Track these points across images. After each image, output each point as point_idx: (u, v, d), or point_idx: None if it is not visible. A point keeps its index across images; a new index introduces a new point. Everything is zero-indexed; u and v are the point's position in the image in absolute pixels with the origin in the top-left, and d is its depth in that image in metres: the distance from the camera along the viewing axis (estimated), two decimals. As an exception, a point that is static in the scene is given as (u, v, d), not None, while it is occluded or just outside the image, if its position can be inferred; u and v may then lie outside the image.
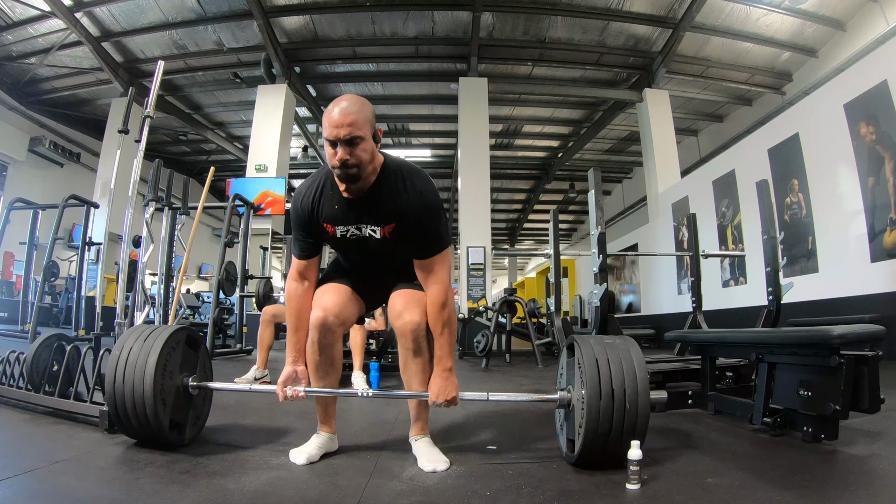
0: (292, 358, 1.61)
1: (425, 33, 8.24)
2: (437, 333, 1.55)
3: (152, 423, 1.55)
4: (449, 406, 1.54)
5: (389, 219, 1.51)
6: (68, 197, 5.87)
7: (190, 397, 1.70)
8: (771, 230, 2.85)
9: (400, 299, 1.60)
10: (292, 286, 1.62)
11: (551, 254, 4.11)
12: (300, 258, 1.62)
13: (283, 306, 3.86)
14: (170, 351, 1.63)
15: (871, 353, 1.55)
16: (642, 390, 1.44)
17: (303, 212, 1.56)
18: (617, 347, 1.51)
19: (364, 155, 1.42)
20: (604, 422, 1.40)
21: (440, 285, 1.55)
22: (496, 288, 18.76)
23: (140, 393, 1.54)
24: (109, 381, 1.60)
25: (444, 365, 1.55)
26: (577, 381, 1.53)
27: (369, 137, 1.43)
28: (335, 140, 1.39)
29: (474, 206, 8.54)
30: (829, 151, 5.11)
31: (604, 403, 1.41)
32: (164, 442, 1.60)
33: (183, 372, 1.70)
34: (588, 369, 1.45)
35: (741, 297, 6.38)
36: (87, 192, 8.02)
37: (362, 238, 1.55)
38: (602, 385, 1.42)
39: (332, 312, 1.57)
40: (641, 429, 1.42)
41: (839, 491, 1.30)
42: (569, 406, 1.56)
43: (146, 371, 1.56)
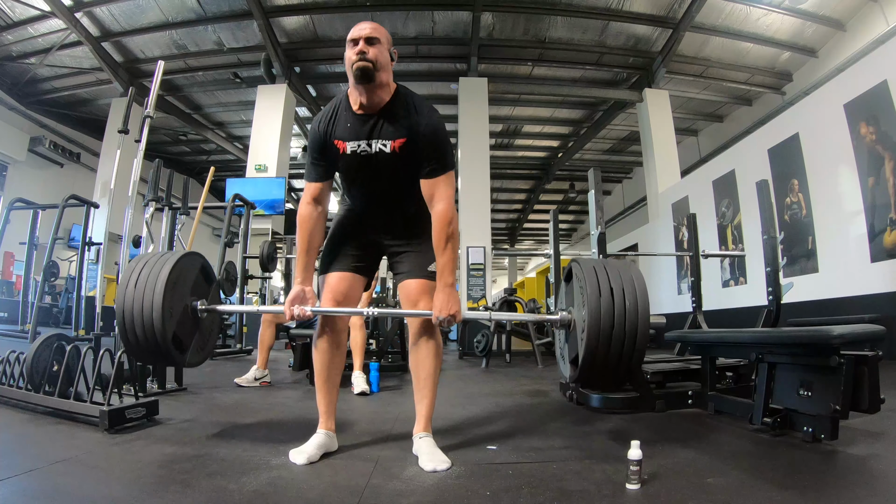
0: (301, 278, 1.67)
1: (425, 33, 8.25)
2: (441, 249, 1.60)
3: (162, 349, 1.57)
4: (450, 324, 1.58)
5: (400, 133, 1.59)
6: (68, 197, 5.86)
7: (198, 321, 1.73)
8: (771, 230, 2.85)
9: (415, 287, 1.68)
10: (306, 210, 1.69)
11: (551, 254, 4.10)
12: (314, 181, 1.69)
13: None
14: (182, 270, 1.66)
15: (871, 353, 1.55)
16: (642, 318, 1.43)
17: (319, 133, 1.65)
18: (619, 273, 1.51)
19: (380, 56, 1.56)
20: (603, 347, 1.39)
21: (446, 202, 1.61)
22: (496, 288, 18.75)
23: (149, 305, 1.56)
24: (121, 292, 1.61)
25: (446, 280, 1.60)
26: (576, 301, 1.53)
27: (385, 49, 1.59)
28: (357, 38, 1.55)
29: (474, 206, 8.54)
30: (829, 151, 5.10)
31: (604, 330, 1.40)
32: (168, 359, 1.62)
33: (193, 295, 1.73)
34: (589, 287, 1.45)
35: (741, 297, 6.38)
36: (87, 192, 8.01)
37: (371, 156, 1.61)
38: (603, 303, 1.41)
39: (338, 301, 1.68)
40: (641, 347, 1.41)
41: (839, 491, 1.30)
42: (569, 326, 1.56)
43: (157, 284, 1.58)
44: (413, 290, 1.69)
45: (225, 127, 11.54)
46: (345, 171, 1.68)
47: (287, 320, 1.63)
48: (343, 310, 1.70)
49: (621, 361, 1.37)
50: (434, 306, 1.59)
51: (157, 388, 2.76)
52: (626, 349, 1.40)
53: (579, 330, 1.48)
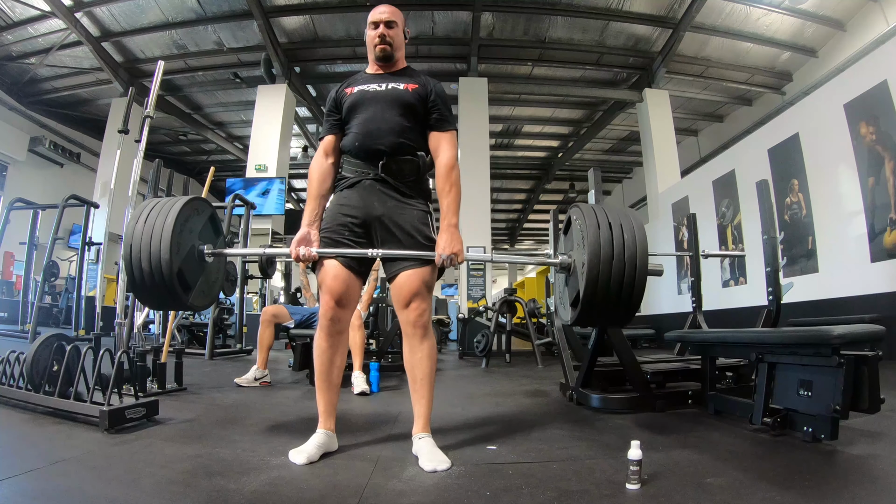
0: (308, 221, 1.72)
1: (425, 33, 8.24)
2: (445, 192, 1.70)
3: (167, 282, 1.57)
4: (454, 262, 1.63)
5: (414, 81, 1.78)
6: (68, 197, 5.86)
7: (203, 265, 1.75)
8: (771, 230, 2.85)
9: (406, 285, 1.66)
10: (318, 160, 1.81)
11: (551, 254, 4.10)
12: (327, 133, 1.82)
13: (282, 306, 3.87)
14: (188, 215, 1.67)
15: (871, 353, 1.55)
16: (641, 252, 1.44)
17: (337, 92, 1.83)
18: (618, 213, 1.53)
19: (397, 37, 1.81)
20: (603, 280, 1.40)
21: (450, 152, 1.74)
22: (496, 288, 18.75)
23: (157, 251, 1.56)
24: (129, 227, 1.62)
25: (449, 220, 1.67)
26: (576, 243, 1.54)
27: (401, 30, 1.84)
28: (378, 21, 1.79)
29: (474, 206, 8.53)
30: (829, 151, 5.10)
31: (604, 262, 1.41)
32: (172, 296, 1.62)
33: (200, 239, 1.75)
34: (589, 230, 1.46)
35: (741, 297, 6.37)
36: (87, 192, 8.02)
37: (380, 91, 1.75)
38: (602, 245, 1.43)
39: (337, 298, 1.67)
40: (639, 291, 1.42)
41: (839, 491, 1.30)
42: (569, 269, 1.57)
43: (164, 231, 1.58)
44: (404, 286, 1.65)
45: (225, 127, 11.54)
46: (351, 106, 1.76)
47: (293, 259, 1.65)
48: (346, 251, 1.67)
49: (621, 297, 1.37)
50: (437, 246, 1.64)
51: (157, 388, 2.76)
52: (626, 284, 1.41)
53: (579, 271, 1.49)
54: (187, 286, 1.67)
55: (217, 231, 1.87)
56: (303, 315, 3.77)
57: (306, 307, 4.08)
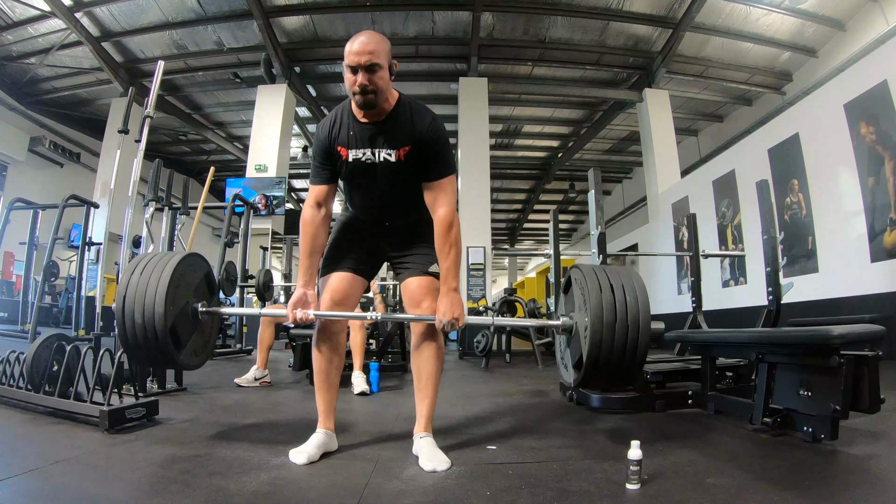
0: (304, 281, 1.67)
1: (425, 33, 8.24)
2: (445, 254, 1.61)
3: (159, 339, 1.55)
4: (455, 327, 1.57)
5: (405, 142, 1.61)
6: (68, 197, 5.86)
7: (198, 322, 1.73)
8: (771, 230, 2.85)
9: (419, 288, 1.69)
10: (309, 212, 1.69)
11: (551, 254, 4.10)
12: (319, 184, 1.69)
13: (283, 306, 3.86)
14: (183, 272, 1.66)
15: (871, 353, 1.55)
16: (643, 315, 1.44)
17: (323, 139, 1.67)
18: (619, 274, 1.53)
19: (381, 82, 1.53)
20: (606, 345, 1.41)
21: (447, 207, 1.63)
22: (496, 288, 18.75)
23: (151, 306, 1.55)
24: (122, 284, 1.60)
25: (450, 284, 1.60)
26: (577, 305, 1.54)
27: (386, 67, 1.55)
28: (356, 66, 1.51)
29: (474, 206, 8.54)
30: (829, 151, 5.10)
31: (606, 327, 1.41)
32: (165, 356, 1.60)
33: (195, 297, 1.73)
34: (591, 290, 1.46)
35: (741, 297, 6.37)
36: (87, 192, 8.01)
37: (374, 164, 1.63)
38: (605, 310, 1.43)
39: (336, 300, 1.68)
40: (641, 353, 1.43)
41: (839, 491, 1.30)
42: (571, 331, 1.57)
43: (159, 286, 1.57)
44: (416, 289, 1.70)
45: (225, 127, 11.54)
46: (347, 176, 1.69)
47: (290, 323, 1.63)
48: (346, 314, 1.70)
49: (624, 361, 1.38)
50: (437, 310, 1.59)
51: (157, 389, 2.76)
52: (629, 348, 1.41)
53: (581, 332, 1.48)
54: (179, 344, 1.64)
55: (212, 289, 1.83)
56: (303, 315, 3.77)
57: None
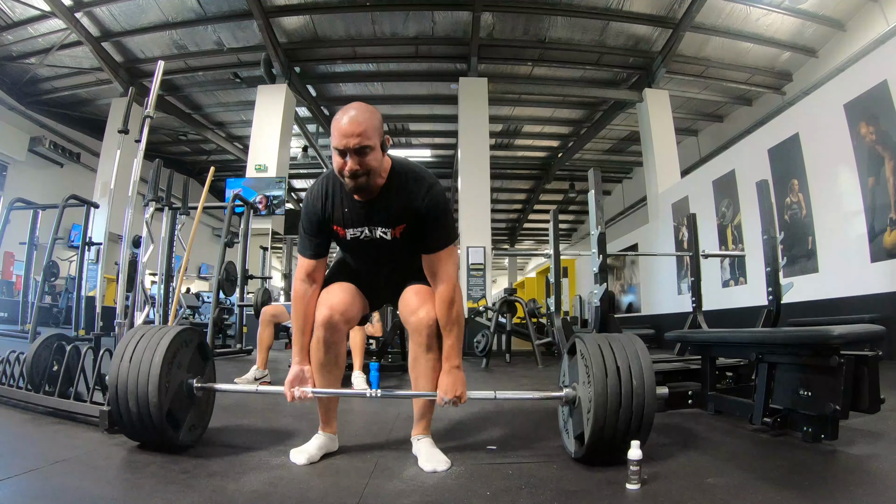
0: (299, 358, 1.63)
1: (425, 33, 8.24)
2: (447, 331, 1.57)
3: (156, 423, 1.53)
4: (456, 405, 1.56)
5: (400, 220, 1.55)
6: (68, 197, 5.86)
7: (193, 398, 1.69)
8: (771, 230, 2.85)
9: (415, 296, 1.63)
10: (300, 288, 1.63)
11: (551, 254, 4.10)
12: (309, 258, 1.63)
13: (282, 306, 3.87)
14: (176, 350, 1.62)
15: (871, 353, 1.55)
16: (649, 392, 1.44)
17: (313, 214, 1.59)
18: (624, 348, 1.52)
19: (373, 163, 1.45)
20: (610, 425, 1.41)
21: (448, 283, 1.57)
22: (496, 288, 18.76)
23: (144, 392, 1.52)
24: (112, 380, 1.57)
25: (452, 362, 1.57)
26: (581, 378, 1.53)
27: (378, 146, 1.45)
28: (345, 149, 1.41)
29: (474, 206, 8.54)
30: (829, 151, 5.10)
31: (611, 408, 1.41)
32: (167, 444, 1.58)
33: (189, 372, 1.69)
34: (595, 366, 1.45)
35: (741, 297, 6.37)
36: (87, 192, 8.01)
37: (373, 240, 1.59)
38: (610, 389, 1.42)
39: (338, 311, 1.60)
40: (646, 429, 1.43)
41: (839, 491, 1.30)
42: (574, 403, 1.57)
43: (151, 369, 1.53)
44: (412, 297, 1.64)
45: (225, 127, 11.53)
46: (344, 248, 1.69)
47: (288, 401, 1.60)
48: (341, 391, 1.67)
49: (628, 435, 1.39)
50: (439, 387, 1.56)
51: (157, 388, 2.75)
52: (633, 427, 1.42)
53: (584, 408, 1.49)
54: (177, 425, 1.61)
55: (206, 357, 1.80)
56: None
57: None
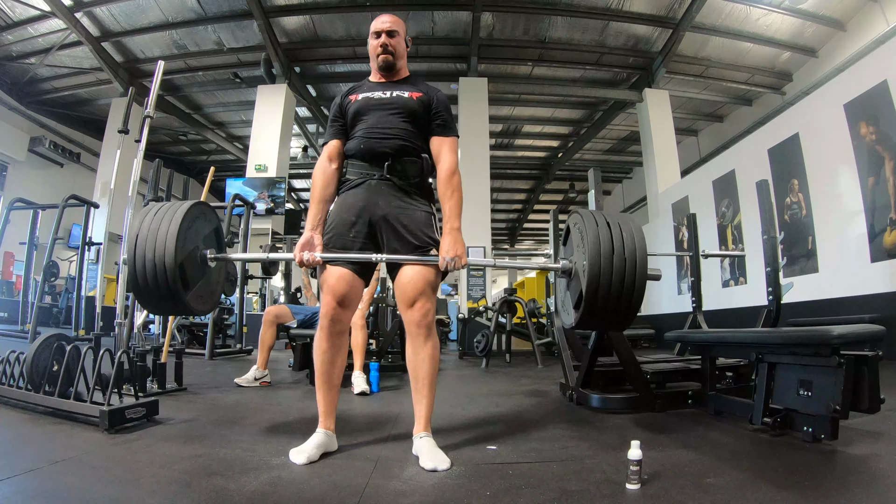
0: (311, 225, 1.75)
1: (425, 33, 8.24)
2: (447, 197, 1.73)
3: (173, 292, 1.59)
4: (456, 266, 1.65)
5: (418, 90, 1.82)
6: (68, 197, 5.86)
7: (207, 269, 1.76)
8: (771, 230, 2.85)
9: (411, 284, 1.66)
10: (322, 165, 1.82)
11: (551, 254, 4.10)
12: (331, 138, 1.84)
13: (285, 306, 3.87)
14: (199, 214, 1.71)
15: (871, 353, 1.55)
16: (640, 250, 1.48)
17: (338, 100, 1.86)
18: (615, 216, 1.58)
19: (399, 46, 1.84)
20: (605, 278, 1.44)
21: (451, 156, 1.79)
22: (496, 288, 18.74)
23: (161, 262, 1.57)
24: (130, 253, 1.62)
25: (452, 224, 1.70)
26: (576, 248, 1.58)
27: (402, 38, 1.87)
28: (380, 31, 1.83)
29: (474, 206, 8.52)
30: (829, 151, 5.10)
31: (604, 259, 1.46)
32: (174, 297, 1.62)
33: (201, 244, 1.76)
34: (589, 231, 1.51)
35: (741, 297, 6.37)
36: (87, 192, 8.01)
37: (385, 100, 1.79)
38: (602, 243, 1.47)
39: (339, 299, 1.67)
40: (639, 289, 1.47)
41: (839, 491, 1.30)
42: (570, 273, 1.60)
43: (167, 242, 1.59)
44: (408, 284, 1.65)
45: (225, 127, 11.54)
46: (355, 112, 1.80)
47: (296, 263, 1.68)
48: (349, 255, 1.70)
49: (622, 297, 1.42)
50: (440, 249, 1.67)
51: (157, 388, 2.76)
52: (627, 284, 1.45)
53: (581, 271, 1.53)
54: (187, 284, 1.67)
55: (220, 243, 1.88)
56: (305, 315, 3.77)
57: (308, 307, 4.08)
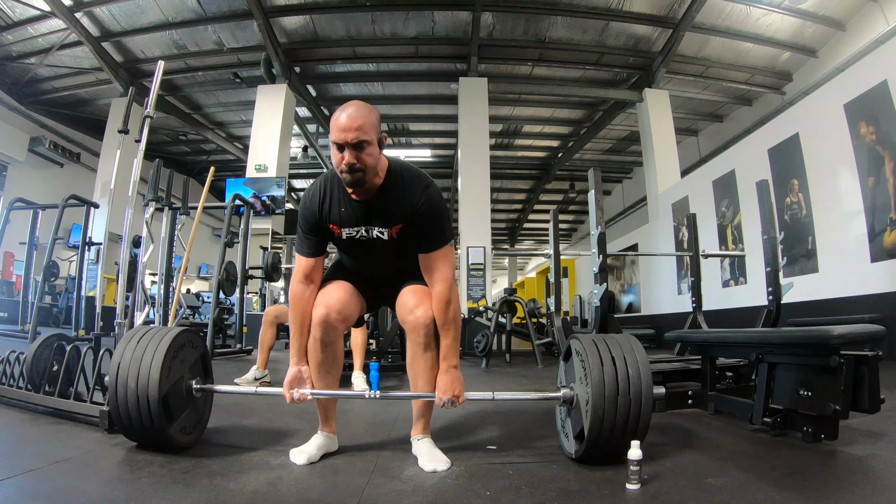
0: (296, 359, 1.63)
1: (425, 33, 8.24)
2: (444, 331, 1.58)
3: (156, 425, 1.53)
4: (455, 405, 1.56)
5: (397, 220, 1.56)
6: (68, 197, 5.86)
7: (192, 399, 1.69)
8: (771, 230, 2.85)
9: (412, 295, 1.63)
10: (297, 288, 1.63)
11: (551, 254, 4.10)
12: (306, 257, 1.63)
13: (285, 307, 3.87)
14: (175, 352, 1.62)
15: (871, 353, 1.55)
16: (646, 388, 1.45)
17: (310, 213, 1.60)
18: (620, 345, 1.52)
19: (370, 159, 1.46)
20: (608, 419, 1.41)
21: (444, 283, 1.58)
22: (496, 288, 18.74)
23: (144, 394, 1.52)
24: (112, 382, 1.57)
25: (449, 362, 1.58)
26: (577, 375, 1.54)
27: (375, 143, 1.47)
28: (343, 144, 1.43)
29: (474, 206, 8.54)
30: (829, 151, 5.10)
31: (608, 401, 1.42)
32: (166, 445, 1.58)
33: (186, 374, 1.68)
34: (593, 367, 1.46)
35: (741, 297, 6.37)
36: (87, 192, 8.01)
37: (369, 240, 1.59)
38: (607, 383, 1.43)
39: (335, 309, 1.60)
40: (644, 425, 1.44)
41: (839, 491, 1.30)
42: (571, 403, 1.57)
43: (150, 372, 1.53)
44: (409, 297, 1.63)
45: (225, 127, 11.54)
46: (340, 248, 1.69)
47: (287, 402, 1.61)
48: (340, 393, 1.67)
49: (626, 435, 1.40)
50: (437, 388, 1.57)
51: (157, 388, 2.75)
52: (632, 422, 1.43)
53: (583, 404, 1.50)
54: (171, 416, 1.60)
55: (207, 372, 1.81)
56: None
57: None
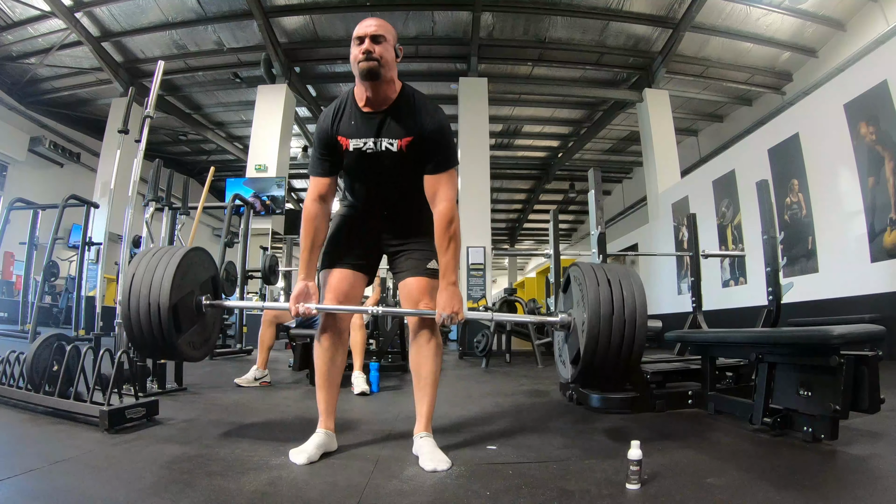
0: (304, 275, 1.66)
1: (425, 33, 8.25)
2: (444, 248, 1.61)
3: (165, 335, 1.56)
4: (453, 322, 1.60)
5: (407, 132, 1.60)
6: (68, 197, 5.86)
7: (201, 316, 1.73)
8: (771, 230, 2.85)
9: (416, 286, 1.69)
10: (311, 207, 1.68)
11: (551, 254, 4.10)
12: (320, 175, 1.68)
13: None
14: (186, 268, 1.66)
15: (871, 353, 1.55)
16: (640, 310, 1.47)
17: (324, 130, 1.67)
18: (617, 271, 1.55)
19: (386, 54, 1.56)
20: (604, 338, 1.43)
21: (447, 202, 1.62)
22: (496, 288, 18.75)
23: (155, 302, 1.55)
24: (125, 293, 1.60)
25: (449, 279, 1.61)
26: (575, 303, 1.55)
27: (391, 44, 1.60)
28: (363, 36, 1.55)
29: (474, 206, 8.54)
30: (829, 151, 5.10)
31: (604, 320, 1.44)
32: (174, 355, 1.63)
33: (197, 290, 1.73)
34: (589, 288, 1.49)
35: (741, 297, 6.37)
36: (87, 192, 8.01)
37: (377, 154, 1.62)
38: (602, 303, 1.45)
39: (340, 301, 1.69)
40: (638, 348, 1.45)
41: (839, 491, 1.30)
42: (569, 327, 1.58)
43: (162, 282, 1.57)
44: (414, 289, 1.70)
45: (225, 127, 11.54)
46: (348, 167, 1.69)
47: (292, 316, 1.63)
48: (348, 307, 1.71)
49: (621, 357, 1.39)
50: (437, 304, 1.61)
51: (157, 388, 2.76)
52: (626, 343, 1.43)
53: (579, 328, 1.50)
54: (180, 329, 1.62)
55: (216, 291, 1.85)
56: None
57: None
